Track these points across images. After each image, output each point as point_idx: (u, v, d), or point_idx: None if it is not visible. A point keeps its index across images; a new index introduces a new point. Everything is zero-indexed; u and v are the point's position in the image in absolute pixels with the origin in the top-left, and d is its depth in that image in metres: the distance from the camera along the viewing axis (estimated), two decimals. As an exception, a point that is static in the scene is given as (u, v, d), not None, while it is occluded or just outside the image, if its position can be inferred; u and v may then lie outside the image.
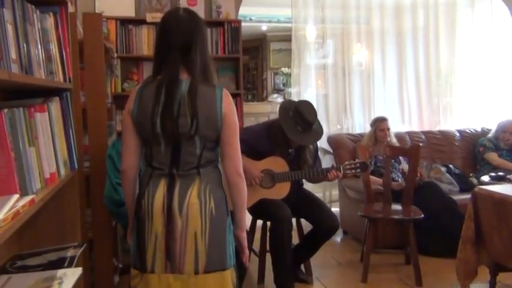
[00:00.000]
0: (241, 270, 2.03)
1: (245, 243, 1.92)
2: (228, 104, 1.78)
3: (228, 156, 1.80)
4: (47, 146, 1.47)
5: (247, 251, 1.94)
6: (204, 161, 1.78)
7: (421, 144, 3.92)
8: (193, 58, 1.76)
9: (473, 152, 4.74)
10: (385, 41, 5.04)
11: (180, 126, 1.73)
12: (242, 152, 1.86)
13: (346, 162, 3.10)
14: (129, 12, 4.10)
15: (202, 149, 1.77)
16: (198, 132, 1.73)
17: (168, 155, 1.77)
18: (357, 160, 3.14)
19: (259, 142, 3.06)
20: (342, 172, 3.05)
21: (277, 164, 3.07)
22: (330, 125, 5.03)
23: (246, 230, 1.97)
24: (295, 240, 3.18)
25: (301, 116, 2.95)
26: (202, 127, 1.73)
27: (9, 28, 1.23)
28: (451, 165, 4.52)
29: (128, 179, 1.87)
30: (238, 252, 1.93)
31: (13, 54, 1.23)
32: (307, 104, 3.02)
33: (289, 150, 3.11)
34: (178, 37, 1.76)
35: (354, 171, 3.08)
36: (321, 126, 3.13)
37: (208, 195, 1.76)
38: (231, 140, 1.78)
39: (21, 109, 1.29)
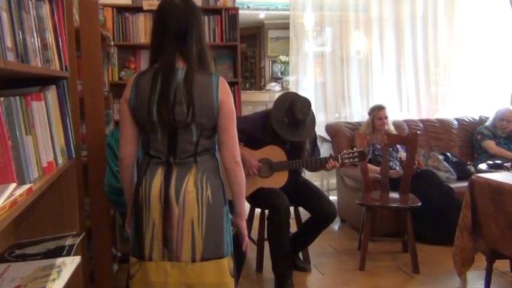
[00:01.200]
0: (239, 259, 2.05)
1: (245, 231, 1.93)
2: (224, 91, 1.78)
3: (224, 143, 1.80)
4: (44, 135, 1.47)
5: (247, 239, 1.95)
6: (201, 149, 1.79)
7: (418, 133, 3.92)
8: (189, 46, 1.76)
9: (471, 140, 4.75)
10: (383, 29, 5.02)
11: (176, 114, 1.73)
12: (240, 141, 1.86)
13: (344, 151, 3.10)
14: (126, -1, 4.08)
15: (198, 137, 1.77)
16: (195, 120, 1.73)
17: (165, 143, 1.78)
18: (355, 149, 3.14)
19: (256, 131, 3.06)
20: (339, 162, 3.05)
21: (275, 153, 3.07)
22: (328, 113, 5.02)
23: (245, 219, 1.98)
24: (293, 228, 3.20)
25: (292, 111, 2.93)
26: (199, 115, 1.73)
27: (4, 16, 1.22)
28: (448, 153, 4.53)
29: (126, 167, 1.87)
30: (237, 241, 1.94)
31: (8, 43, 1.22)
32: (303, 102, 2.97)
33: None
34: (174, 25, 1.76)
35: (351, 160, 3.08)
36: (312, 125, 3.09)
37: (205, 184, 1.77)
38: (228, 126, 1.78)
39: (17, 98, 1.28)
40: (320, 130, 4.75)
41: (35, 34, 1.48)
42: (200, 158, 1.79)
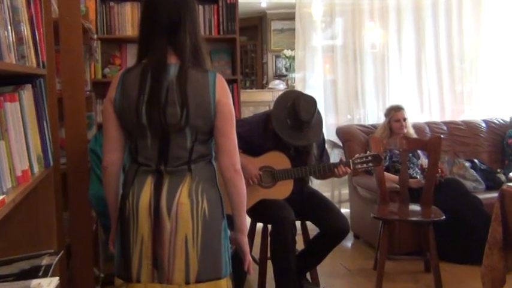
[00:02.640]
0: (239, 280, 2.05)
1: (247, 248, 1.93)
2: (222, 90, 1.79)
3: (222, 149, 1.81)
4: (19, 140, 1.48)
5: (249, 257, 1.94)
6: (196, 155, 1.79)
7: (442, 136, 3.91)
8: (182, 39, 1.77)
9: (501, 145, 4.75)
10: (401, 19, 5.03)
11: (168, 116, 1.73)
12: (238, 147, 1.86)
13: (356, 156, 3.10)
14: (110, -13, 4.09)
15: (193, 142, 1.78)
16: (189, 123, 1.74)
17: (155, 149, 1.78)
18: (368, 153, 3.14)
19: (256, 136, 3.06)
20: (351, 167, 3.05)
21: (277, 159, 3.08)
22: (339, 115, 5.04)
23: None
24: (300, 245, 3.20)
25: (295, 111, 2.93)
26: (193, 117, 1.74)
27: (-26, 6, 1.23)
28: (476, 160, 4.53)
29: (110, 176, 1.88)
30: (237, 259, 1.94)
31: (-21, 36, 1.23)
32: (307, 100, 2.98)
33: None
34: (164, 16, 1.77)
35: (365, 165, 3.08)
36: (319, 127, 3.09)
37: (200, 195, 1.77)
38: (226, 130, 1.79)
39: (-12, 98, 1.29)
40: (330, 134, 4.76)
41: (9, 27, 1.49)
42: (195, 166, 1.80)
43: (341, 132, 4.58)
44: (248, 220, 3.20)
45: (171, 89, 1.74)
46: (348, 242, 4.40)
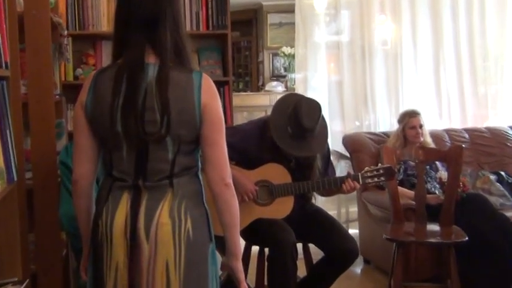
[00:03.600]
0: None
1: (241, 275, 1.93)
2: (209, 92, 1.79)
3: (210, 160, 1.81)
4: (-22, 152, 1.48)
5: (245, 285, 1.94)
6: (179, 168, 1.80)
7: (463, 146, 3.93)
8: (161, 36, 1.77)
9: (532, 155, 4.77)
10: (416, 12, 5.05)
11: (146, 123, 1.74)
12: (230, 159, 1.86)
13: (366, 168, 3.11)
14: (83, -24, 4.11)
15: (176, 153, 1.78)
16: (170, 132, 1.74)
17: (132, 161, 1.78)
18: (379, 165, 3.15)
19: (251, 145, 3.07)
20: (360, 182, 3.06)
21: (276, 173, 3.08)
22: (345, 121, 5.05)
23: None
24: (302, 271, 3.19)
25: (297, 117, 2.94)
26: (176, 124, 1.74)
27: None
28: (502, 172, 4.54)
29: (81, 192, 1.88)
30: (228, 288, 1.95)
31: None
32: (310, 104, 2.99)
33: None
34: (141, 8, 1.77)
35: (376, 179, 3.09)
36: (324, 136, 3.11)
37: (183, 213, 1.77)
38: (214, 138, 1.80)
39: None
40: (336, 143, 4.77)
41: (-33, 22, 1.50)
42: (178, 181, 1.80)
43: (348, 141, 4.59)
44: (242, 243, 3.20)
45: (149, 92, 1.74)
46: (357, 268, 4.39)
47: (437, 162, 4.13)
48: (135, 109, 1.74)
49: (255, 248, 3.25)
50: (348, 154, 4.60)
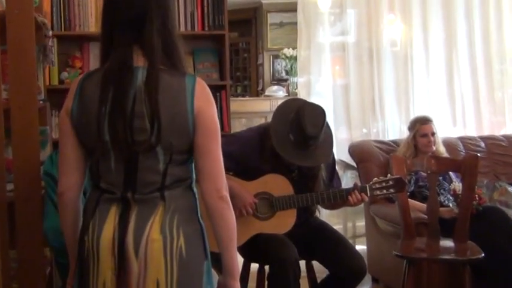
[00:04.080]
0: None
1: None
2: (203, 97, 1.79)
3: (204, 171, 1.80)
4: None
5: None
6: (171, 180, 1.79)
7: (479, 155, 3.93)
8: (150, 36, 1.77)
9: (553, 165, 4.77)
10: (428, 11, 5.07)
11: (135, 131, 1.73)
12: (227, 169, 1.86)
13: (375, 179, 3.11)
14: (70, -27, 4.12)
15: (167, 163, 1.77)
16: (161, 140, 1.74)
17: (121, 172, 1.78)
18: (389, 176, 3.15)
19: (250, 155, 3.07)
20: (368, 194, 3.06)
21: (277, 184, 3.08)
22: (352, 128, 5.06)
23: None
24: (305, 291, 3.19)
25: (299, 124, 2.93)
26: (167, 132, 1.73)
27: None
28: (522, 184, 4.55)
29: (67, 205, 1.88)
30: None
31: None
32: (313, 110, 2.99)
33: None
34: (127, 6, 1.78)
35: (385, 191, 3.09)
36: (329, 144, 3.11)
37: (175, 229, 1.77)
38: (209, 147, 1.79)
39: None
40: (341, 152, 4.77)
41: None
42: (170, 193, 1.79)
43: (355, 150, 4.59)
44: (240, 260, 3.19)
45: (138, 97, 1.74)
46: (365, 287, 4.38)
47: (451, 173, 4.13)
48: (123, 116, 1.73)
49: (254, 266, 3.24)
50: (354, 164, 4.60)
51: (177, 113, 1.75)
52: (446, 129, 4.98)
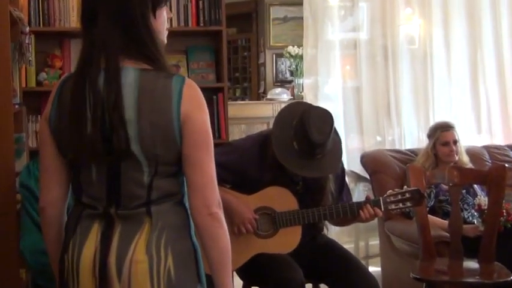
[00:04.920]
0: None
1: None
2: (192, 101, 1.76)
3: (193, 185, 1.79)
4: None
5: None
6: (158, 194, 1.79)
7: (507, 165, 3.94)
8: (101, 31, 1.75)
9: None
10: (449, 5, 5.08)
11: (113, 137, 1.73)
12: (224, 181, 1.87)
13: (389, 192, 3.12)
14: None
15: (152, 175, 1.77)
16: (144, 150, 1.73)
17: (103, 184, 1.79)
18: (405, 188, 3.16)
19: (250, 165, 3.08)
20: (382, 208, 3.06)
21: (279, 198, 3.09)
22: (364, 135, 5.06)
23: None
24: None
25: (304, 130, 2.94)
26: (148, 141, 1.73)
27: None
28: (555, 198, 4.55)
29: (49, 222, 1.89)
30: None
31: None
32: (320, 115, 3.01)
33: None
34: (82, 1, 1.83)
35: (401, 205, 3.09)
36: (337, 152, 3.12)
37: (163, 248, 1.76)
38: (198, 158, 1.77)
39: None
40: (352, 163, 4.78)
41: None
42: (157, 209, 1.78)
43: (368, 160, 4.60)
44: (239, 283, 3.20)
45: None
46: (379, 313, 4.38)
47: (475, 186, 4.14)
48: (97, 121, 1.73)
49: (255, 290, 3.25)
50: (367, 176, 4.61)
51: (159, 119, 1.73)
52: (470, 137, 4.99)
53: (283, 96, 7.86)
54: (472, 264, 3.57)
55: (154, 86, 1.75)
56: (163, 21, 1.87)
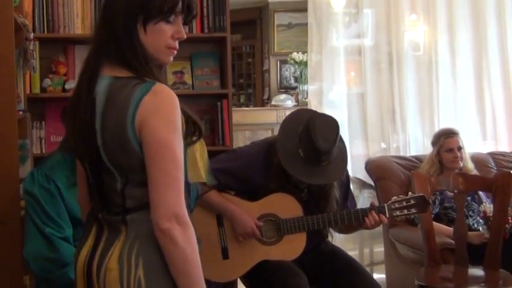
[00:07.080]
0: None
1: None
2: (149, 107, 1.69)
3: (149, 199, 1.72)
4: None
5: None
6: (133, 203, 1.78)
7: (512, 172, 3.93)
8: (93, 35, 1.84)
9: None
10: (454, 11, 5.08)
11: (88, 147, 1.80)
12: (229, 188, 1.86)
13: (394, 198, 3.12)
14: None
15: (124, 183, 1.77)
16: (109, 159, 1.75)
17: (95, 189, 1.86)
18: (410, 194, 3.15)
19: (254, 172, 3.07)
20: (387, 215, 3.06)
21: (284, 205, 3.09)
22: (369, 142, 5.05)
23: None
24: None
25: (310, 137, 2.94)
26: (112, 151, 1.74)
27: None
28: (561, 205, 4.54)
29: (84, 211, 2.01)
30: None
31: None
32: (325, 122, 3.01)
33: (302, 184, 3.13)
34: None
35: (406, 212, 3.09)
36: (343, 160, 3.12)
37: (134, 258, 1.73)
38: (150, 170, 1.70)
39: None
40: (357, 169, 4.77)
41: None
42: (132, 217, 1.77)
43: (372, 166, 4.59)
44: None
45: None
46: (384, 321, 4.37)
47: (480, 193, 4.13)
48: (81, 127, 1.80)
49: (259, 297, 3.24)
50: (371, 182, 4.61)
51: (116, 129, 1.72)
52: (476, 143, 4.98)
53: (287, 102, 7.86)
54: (477, 271, 3.56)
55: (118, 95, 1.73)
56: (157, 38, 1.80)
